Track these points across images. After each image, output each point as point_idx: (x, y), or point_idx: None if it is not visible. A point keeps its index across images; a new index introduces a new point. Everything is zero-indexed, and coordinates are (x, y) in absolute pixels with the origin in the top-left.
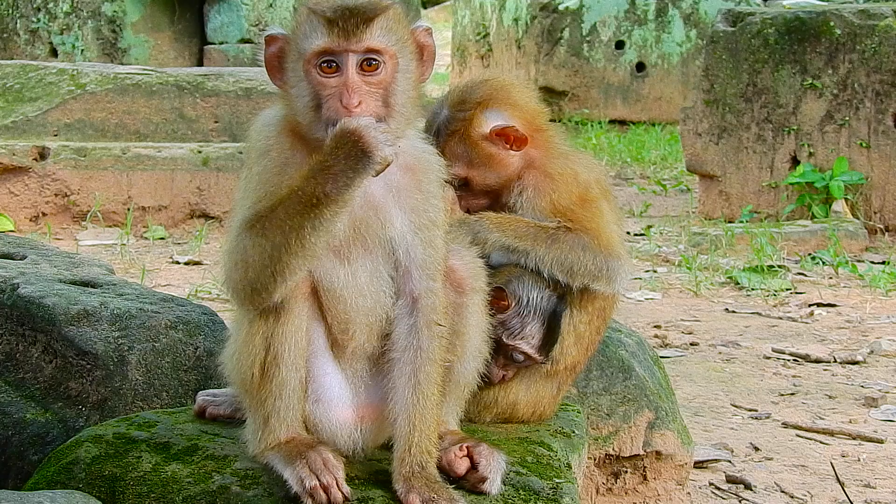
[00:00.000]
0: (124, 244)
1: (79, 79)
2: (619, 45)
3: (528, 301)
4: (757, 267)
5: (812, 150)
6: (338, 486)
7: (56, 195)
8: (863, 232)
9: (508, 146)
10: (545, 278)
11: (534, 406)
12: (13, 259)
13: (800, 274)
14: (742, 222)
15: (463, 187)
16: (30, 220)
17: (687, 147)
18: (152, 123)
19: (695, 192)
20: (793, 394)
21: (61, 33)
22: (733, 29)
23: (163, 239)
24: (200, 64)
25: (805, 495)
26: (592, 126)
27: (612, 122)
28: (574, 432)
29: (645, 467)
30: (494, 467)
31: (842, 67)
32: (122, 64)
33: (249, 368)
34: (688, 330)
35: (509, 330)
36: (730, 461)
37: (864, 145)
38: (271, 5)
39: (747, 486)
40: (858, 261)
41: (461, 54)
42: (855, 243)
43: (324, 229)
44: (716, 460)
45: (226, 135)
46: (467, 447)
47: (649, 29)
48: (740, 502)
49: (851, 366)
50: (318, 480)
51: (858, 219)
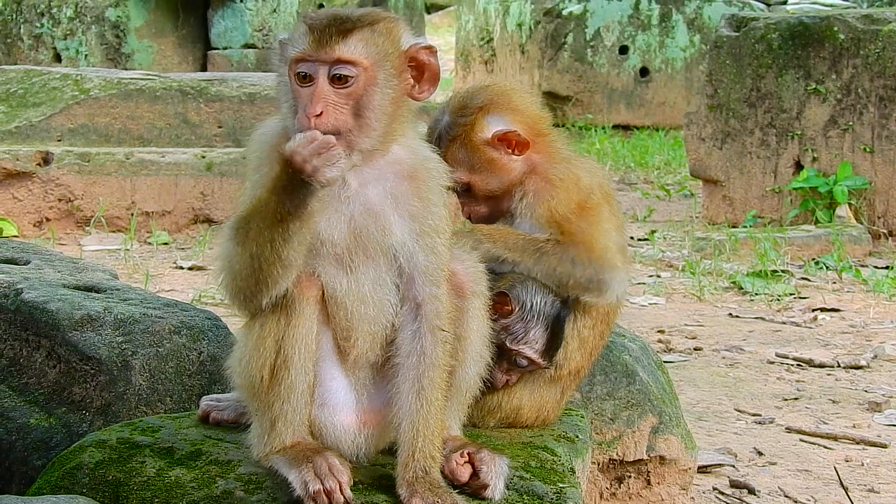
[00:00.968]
0: (128, 249)
1: (82, 84)
2: (623, 50)
3: (531, 306)
4: (760, 272)
5: (816, 155)
6: (341, 490)
7: (60, 200)
8: (866, 237)
9: (510, 151)
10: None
11: (537, 411)
12: (17, 264)
13: (803, 279)
14: (746, 227)
15: (465, 193)
16: (33, 226)
17: (690, 152)
18: (156, 128)
19: (698, 197)
20: (796, 398)
21: (65, 38)
22: (737, 34)
23: (166, 244)
24: (204, 69)
25: (809, 500)
26: (596, 131)
27: (615, 127)
28: (578, 437)
29: (649, 472)
30: (496, 473)
31: (845, 72)
32: (126, 69)
33: (259, 371)
34: (691, 335)
35: (513, 335)
36: (733, 466)
37: (867, 150)
38: (275, 10)
39: (751, 491)
40: (862, 265)
41: (465, 59)
42: (858, 248)
43: (294, 240)
44: (719, 465)
45: (229, 140)
46: (469, 453)
47: (653, 34)
48: None
49: (855, 370)
50: (322, 484)
51: (862, 224)
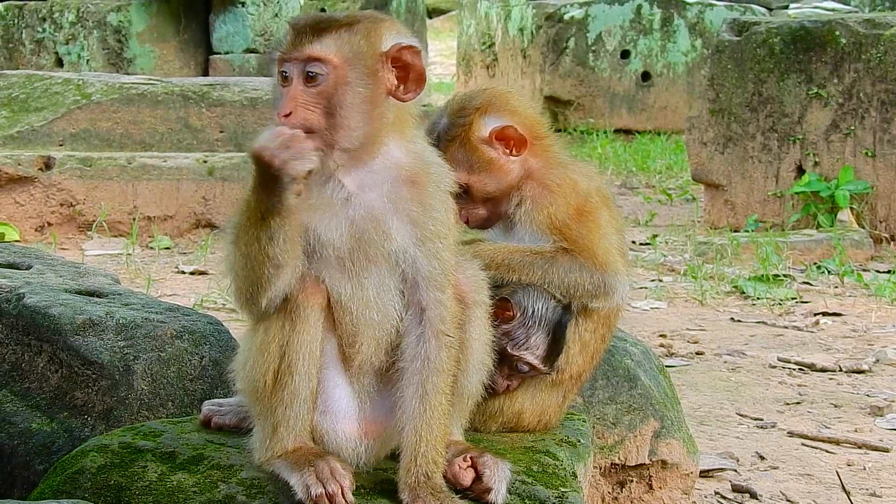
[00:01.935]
0: (130, 254)
1: (84, 89)
2: (625, 54)
3: (533, 312)
4: (762, 276)
5: (817, 160)
6: (343, 494)
7: (61, 205)
8: (868, 241)
9: (508, 151)
10: None
11: (539, 415)
12: (19, 269)
13: (805, 283)
14: (747, 231)
15: (463, 195)
16: (35, 230)
17: (692, 156)
18: (158, 133)
19: (700, 202)
20: (798, 403)
21: (67, 43)
22: (738, 38)
23: (168, 249)
24: (206, 74)
25: None
26: (598, 135)
27: (617, 131)
28: (580, 441)
29: (650, 476)
30: (499, 477)
31: (847, 77)
32: (128, 74)
33: (262, 376)
34: (693, 339)
35: (514, 340)
36: (735, 470)
37: (869, 154)
38: (276, 15)
39: (753, 496)
40: (864, 270)
41: (466, 64)
42: (860, 252)
43: (278, 238)
44: (721, 469)
45: (231, 144)
46: (471, 457)
47: (654, 38)
48: None
49: (857, 375)
50: (325, 488)
51: (864, 228)
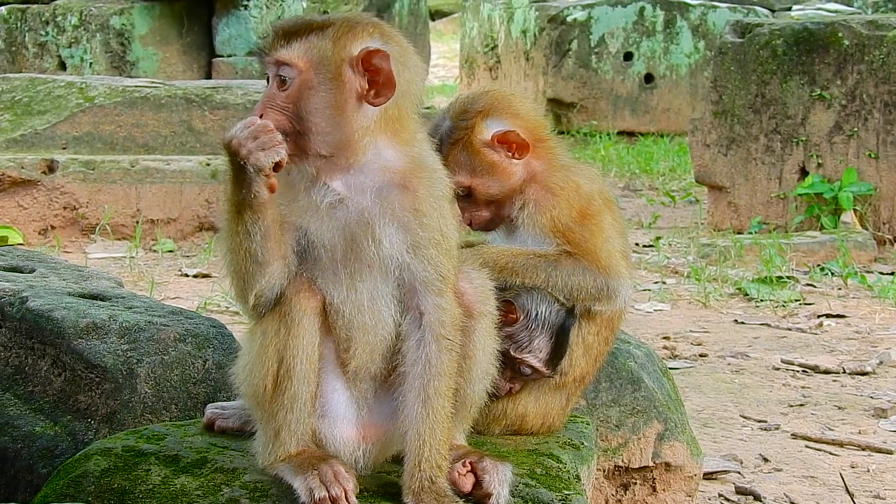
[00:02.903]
0: (133, 257)
1: (87, 92)
2: (628, 56)
3: (536, 315)
4: (766, 278)
5: (821, 161)
6: (346, 497)
7: (65, 208)
8: (872, 243)
9: (510, 154)
10: None
11: (542, 418)
12: (22, 272)
13: (809, 285)
14: (751, 233)
15: (466, 198)
16: (38, 234)
17: (695, 158)
18: (161, 136)
19: (703, 204)
20: (802, 405)
21: (69, 46)
22: (741, 40)
23: (171, 252)
24: (209, 76)
25: None
26: (601, 138)
27: (620, 133)
28: (583, 444)
29: (654, 479)
30: (499, 481)
31: (850, 78)
32: (131, 77)
33: (262, 381)
34: (697, 341)
35: (517, 343)
36: (739, 472)
37: (872, 156)
38: (279, 18)
39: (757, 498)
40: (867, 272)
41: (469, 66)
42: (864, 254)
43: (255, 232)
44: (725, 472)
45: None
46: (471, 463)
47: (657, 40)
48: None
49: (860, 377)
50: (328, 492)
51: (867, 230)
